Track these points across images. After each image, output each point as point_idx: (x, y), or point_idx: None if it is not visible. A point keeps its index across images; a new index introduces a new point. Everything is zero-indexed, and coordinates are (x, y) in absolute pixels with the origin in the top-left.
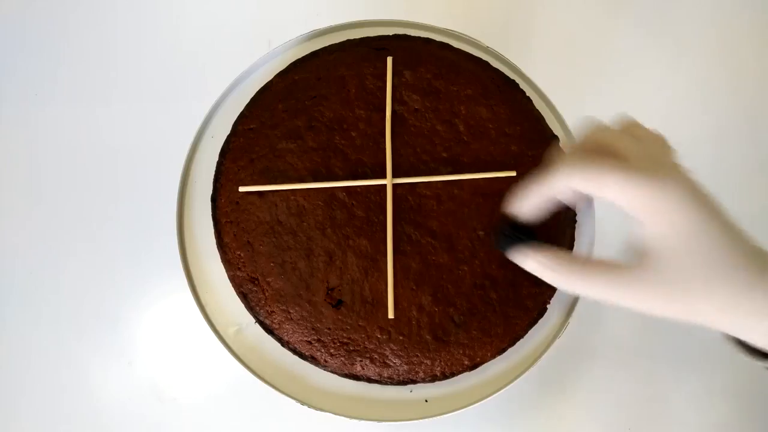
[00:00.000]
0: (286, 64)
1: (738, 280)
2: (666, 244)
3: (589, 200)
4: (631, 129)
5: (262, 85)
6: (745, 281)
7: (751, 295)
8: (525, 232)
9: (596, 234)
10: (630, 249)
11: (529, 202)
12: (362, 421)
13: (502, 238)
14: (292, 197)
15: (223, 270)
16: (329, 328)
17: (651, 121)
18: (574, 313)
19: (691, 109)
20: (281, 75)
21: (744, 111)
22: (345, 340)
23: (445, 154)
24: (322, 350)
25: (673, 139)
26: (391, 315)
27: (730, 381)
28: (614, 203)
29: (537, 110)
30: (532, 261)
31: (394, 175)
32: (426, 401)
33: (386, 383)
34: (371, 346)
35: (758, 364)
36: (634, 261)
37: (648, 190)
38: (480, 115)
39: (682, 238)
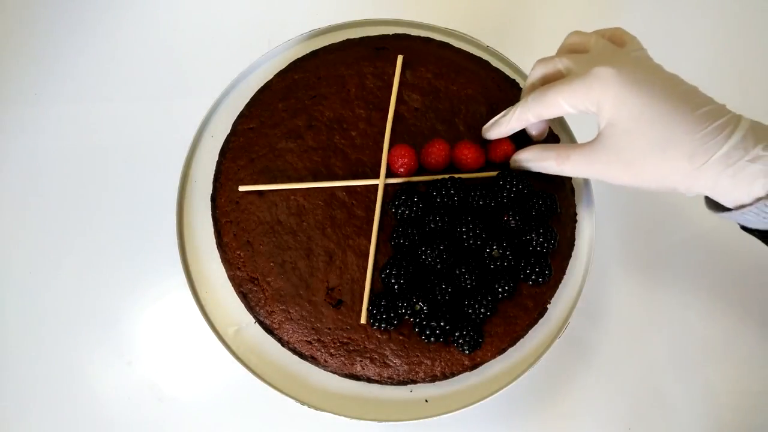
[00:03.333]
0: (286, 64)
1: (679, 151)
2: (614, 128)
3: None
4: (579, 46)
5: (261, 84)
6: (686, 151)
7: (692, 164)
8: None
9: (596, 233)
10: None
11: (500, 133)
12: (362, 421)
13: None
14: (292, 197)
15: (223, 269)
16: (329, 328)
17: None
18: (574, 313)
19: None
20: (281, 74)
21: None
22: (345, 340)
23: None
24: (322, 350)
25: None
26: (363, 320)
27: (730, 381)
28: (576, 111)
29: None
30: (525, 156)
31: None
32: (426, 401)
33: (386, 383)
34: (371, 346)
35: (727, 216)
36: (597, 140)
37: (584, 91)
38: (480, 114)
39: (625, 122)
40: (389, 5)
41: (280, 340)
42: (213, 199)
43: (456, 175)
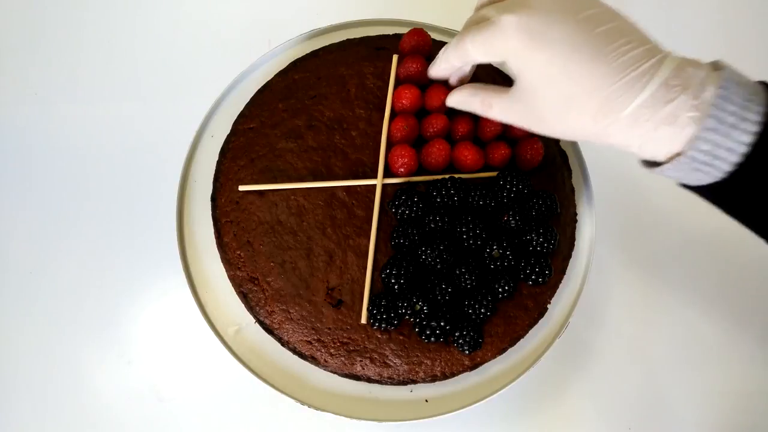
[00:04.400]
0: (286, 64)
1: (583, 109)
2: (522, 82)
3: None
4: None
5: (262, 84)
6: (589, 111)
7: (596, 124)
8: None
9: (596, 233)
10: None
11: (438, 73)
12: (362, 421)
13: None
14: (292, 197)
15: (223, 269)
16: (329, 328)
17: None
18: (574, 313)
19: None
20: (281, 74)
21: None
22: (345, 340)
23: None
24: (322, 350)
25: None
26: (363, 320)
27: (730, 381)
28: (490, 61)
29: None
30: (455, 99)
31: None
32: (426, 401)
33: (386, 383)
34: (371, 346)
35: (658, 172)
36: (512, 91)
37: (489, 42)
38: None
39: (530, 78)
40: (389, 5)
41: (280, 340)
42: (213, 199)
43: (456, 175)
